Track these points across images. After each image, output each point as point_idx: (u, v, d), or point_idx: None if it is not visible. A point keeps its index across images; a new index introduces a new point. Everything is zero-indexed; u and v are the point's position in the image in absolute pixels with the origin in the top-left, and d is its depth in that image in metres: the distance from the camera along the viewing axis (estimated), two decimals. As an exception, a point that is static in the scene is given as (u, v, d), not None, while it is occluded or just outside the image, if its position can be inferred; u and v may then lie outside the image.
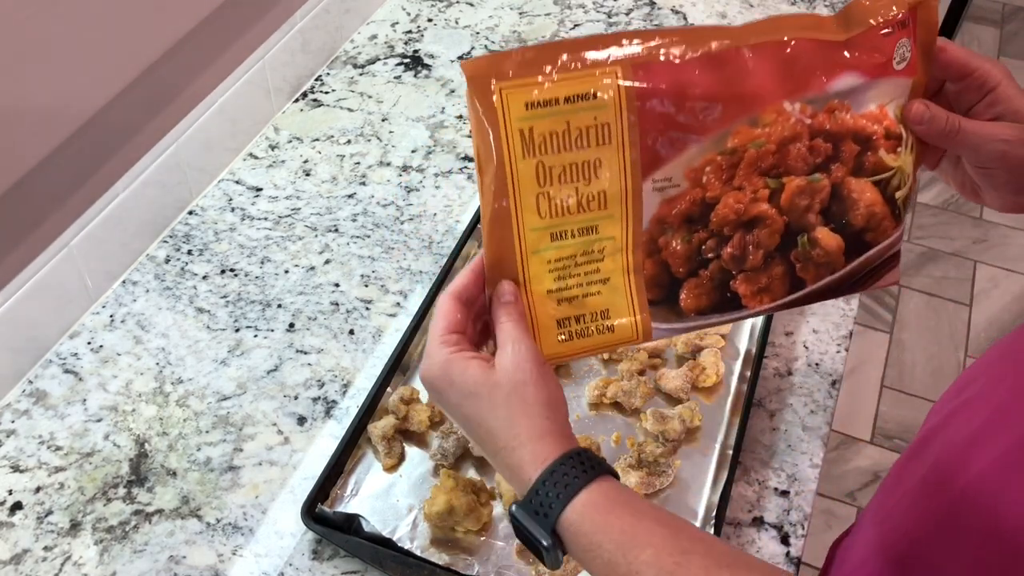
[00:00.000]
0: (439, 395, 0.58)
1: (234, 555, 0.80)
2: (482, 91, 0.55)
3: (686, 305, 0.61)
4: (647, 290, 0.60)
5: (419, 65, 1.31)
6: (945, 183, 0.69)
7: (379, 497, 0.82)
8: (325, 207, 1.10)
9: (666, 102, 0.56)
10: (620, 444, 0.86)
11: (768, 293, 0.62)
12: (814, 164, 0.60)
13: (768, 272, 0.61)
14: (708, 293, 0.61)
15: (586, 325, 0.60)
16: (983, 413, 0.57)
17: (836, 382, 0.93)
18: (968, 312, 2.41)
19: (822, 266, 0.62)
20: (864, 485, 2.04)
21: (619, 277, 0.60)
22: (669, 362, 0.94)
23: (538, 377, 0.57)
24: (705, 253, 0.60)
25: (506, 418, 0.56)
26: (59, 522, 0.81)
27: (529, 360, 0.57)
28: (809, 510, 0.83)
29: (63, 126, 0.90)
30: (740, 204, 0.59)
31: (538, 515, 0.54)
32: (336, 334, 0.97)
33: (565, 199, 0.57)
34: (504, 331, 0.58)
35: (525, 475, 0.55)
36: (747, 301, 0.62)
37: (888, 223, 0.62)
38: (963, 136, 0.61)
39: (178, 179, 1.06)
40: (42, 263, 0.91)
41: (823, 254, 0.61)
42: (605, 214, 0.58)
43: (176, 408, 0.90)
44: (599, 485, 0.54)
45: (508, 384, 0.56)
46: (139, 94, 0.97)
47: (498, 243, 0.58)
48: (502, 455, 0.56)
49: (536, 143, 0.56)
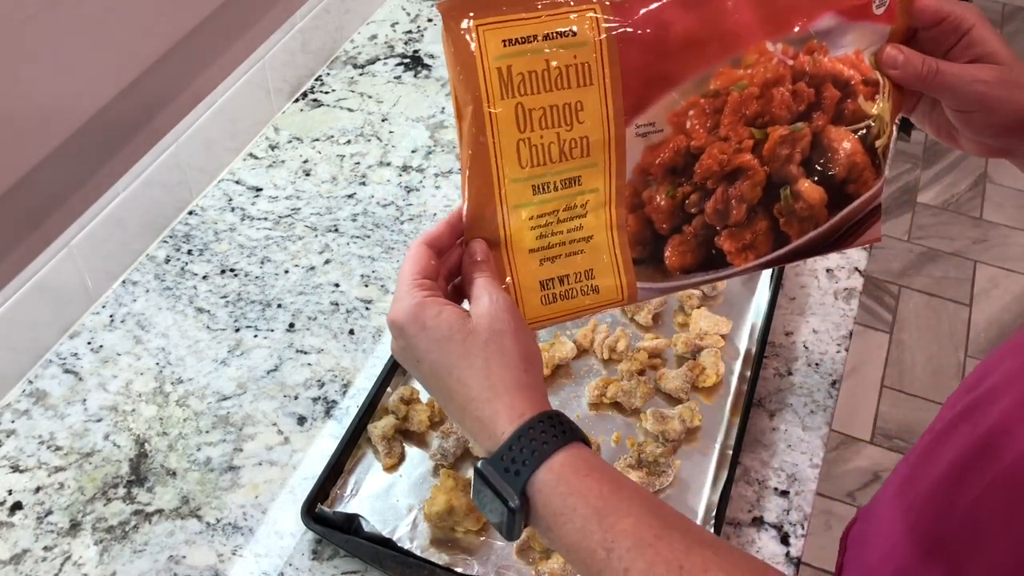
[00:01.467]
0: (407, 340, 0.55)
1: (234, 555, 0.80)
2: (456, 28, 0.53)
3: (671, 263, 0.60)
4: (631, 248, 0.59)
5: (419, 65, 1.31)
6: (920, 127, 0.68)
7: (379, 497, 0.82)
8: (325, 207, 1.10)
9: (646, 41, 0.55)
10: (620, 444, 0.86)
11: (753, 250, 0.61)
12: (797, 112, 0.59)
13: (752, 228, 0.60)
14: (693, 250, 0.60)
15: (570, 286, 0.58)
16: (1006, 401, 0.57)
17: (836, 382, 0.93)
18: (968, 312, 2.41)
19: (806, 220, 0.61)
20: (864, 485, 2.04)
21: (602, 234, 0.58)
22: (669, 362, 0.94)
23: (516, 329, 0.54)
24: (688, 208, 0.59)
25: (482, 367, 0.53)
26: (59, 522, 0.81)
27: (506, 311, 0.54)
28: (809, 510, 0.83)
29: (63, 126, 0.90)
30: (724, 155, 0.58)
31: (508, 472, 0.50)
32: (336, 334, 0.97)
33: (547, 146, 0.55)
34: (479, 285, 0.55)
35: (498, 428, 0.52)
36: (732, 258, 0.60)
37: (869, 173, 0.62)
38: (941, 78, 0.60)
39: (178, 179, 1.06)
40: (42, 263, 0.91)
41: (806, 207, 0.60)
42: (588, 162, 0.56)
43: (176, 408, 0.90)
44: (576, 448, 0.52)
45: (485, 332, 0.53)
46: (139, 94, 0.97)
47: (477, 194, 0.56)
48: (473, 406, 0.53)
49: (515, 83, 0.53)
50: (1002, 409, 0.57)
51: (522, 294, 0.58)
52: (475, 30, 0.53)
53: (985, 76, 0.60)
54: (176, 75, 1.02)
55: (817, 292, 1.01)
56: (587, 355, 0.94)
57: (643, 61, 0.55)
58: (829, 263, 1.04)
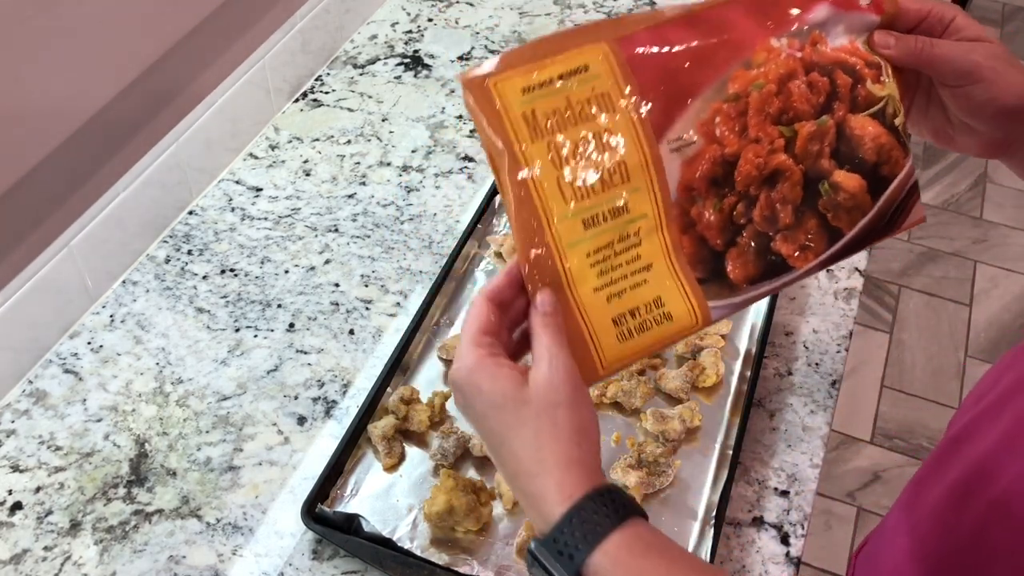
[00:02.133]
0: (465, 400, 0.54)
1: (234, 555, 0.80)
2: (477, 88, 0.55)
3: (735, 277, 0.60)
4: (692, 268, 0.59)
5: (419, 65, 1.31)
6: (917, 133, 0.68)
7: (379, 497, 0.82)
8: (325, 207, 1.10)
9: (657, 60, 0.57)
10: (620, 444, 0.86)
11: (811, 249, 0.62)
12: (818, 104, 0.61)
13: (804, 227, 0.61)
14: (753, 260, 0.60)
15: (643, 318, 0.58)
16: (1005, 421, 0.57)
17: (836, 382, 0.93)
18: (968, 312, 2.41)
19: (853, 210, 0.62)
20: (864, 485, 2.04)
21: (661, 261, 0.58)
22: (669, 362, 0.94)
23: (572, 399, 0.53)
24: (737, 219, 0.60)
25: (532, 440, 0.52)
26: (59, 522, 0.81)
27: (565, 380, 0.53)
28: (809, 510, 0.83)
29: (63, 126, 0.90)
30: (760, 158, 0.59)
31: (562, 556, 0.49)
32: (336, 334, 0.97)
33: (586, 178, 0.56)
34: (541, 345, 0.54)
35: (547, 508, 0.51)
36: (793, 261, 0.61)
37: (898, 152, 0.63)
38: (937, 49, 0.61)
39: (178, 179, 1.07)
40: (42, 263, 0.91)
41: (848, 197, 0.62)
42: (631, 187, 0.57)
43: (176, 408, 0.90)
44: (631, 527, 0.50)
45: (539, 403, 0.52)
46: (139, 94, 0.97)
47: (528, 240, 0.56)
48: (522, 480, 0.52)
49: (541, 123, 0.55)
50: (997, 432, 0.58)
51: (598, 336, 0.57)
52: (494, 86, 0.55)
53: (979, 49, 0.61)
54: (176, 75, 1.02)
55: (817, 292, 1.01)
56: (587, 355, 0.94)
57: (658, 78, 0.57)
58: (829, 263, 1.04)
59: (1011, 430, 0.56)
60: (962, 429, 0.63)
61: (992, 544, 0.56)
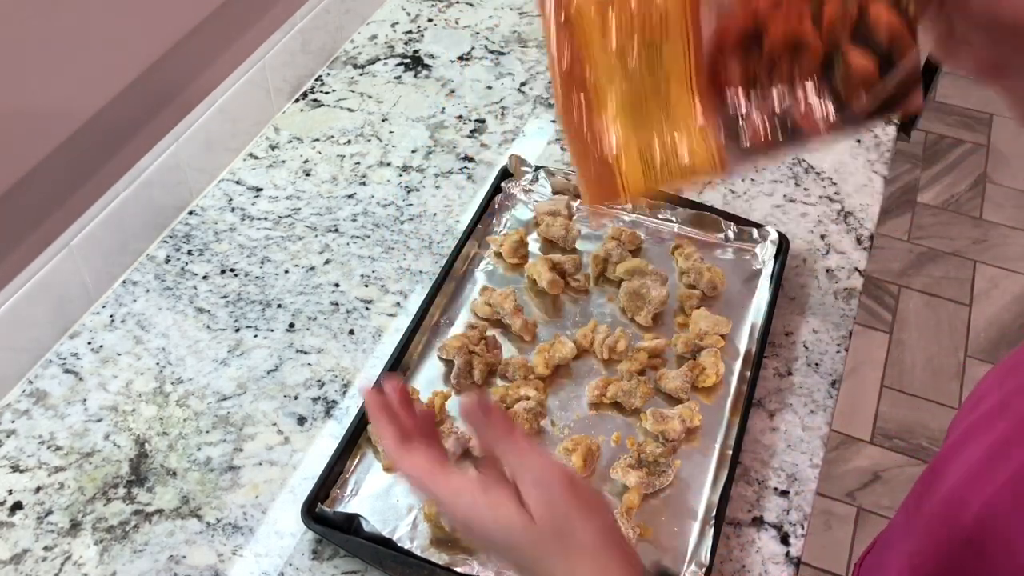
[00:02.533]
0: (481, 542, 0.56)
1: (234, 555, 0.80)
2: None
3: (754, 140, 0.63)
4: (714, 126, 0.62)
5: (419, 65, 1.31)
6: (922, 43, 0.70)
7: (379, 497, 0.82)
8: (325, 207, 1.10)
9: None
10: (620, 444, 0.86)
11: (823, 120, 0.64)
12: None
13: (817, 96, 0.64)
14: (770, 124, 0.63)
15: (666, 153, 0.61)
16: (992, 436, 0.57)
17: (836, 382, 0.93)
18: (968, 312, 2.41)
19: (861, 85, 0.64)
20: (864, 485, 2.04)
21: (687, 106, 0.61)
22: (669, 362, 0.94)
23: (579, 511, 0.53)
24: (761, 81, 0.62)
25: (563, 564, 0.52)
26: (59, 522, 0.81)
27: (565, 498, 0.53)
28: (809, 510, 0.83)
29: (63, 126, 0.90)
30: (788, 26, 0.62)
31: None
32: (336, 334, 0.97)
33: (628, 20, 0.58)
34: (512, 463, 0.54)
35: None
36: (808, 128, 0.64)
37: (906, 40, 0.65)
38: None
39: (178, 179, 1.07)
40: (42, 263, 0.91)
41: (859, 72, 0.64)
42: (666, 37, 0.60)
43: (176, 408, 0.90)
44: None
45: (551, 532, 0.52)
46: (139, 94, 0.97)
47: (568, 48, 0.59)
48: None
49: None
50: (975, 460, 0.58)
51: (626, 163, 0.61)
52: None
53: None
54: (176, 75, 1.02)
55: (817, 292, 1.01)
56: (587, 355, 0.94)
57: None
58: (829, 263, 1.04)
59: (994, 446, 0.56)
60: (956, 442, 0.63)
61: (985, 558, 0.56)
